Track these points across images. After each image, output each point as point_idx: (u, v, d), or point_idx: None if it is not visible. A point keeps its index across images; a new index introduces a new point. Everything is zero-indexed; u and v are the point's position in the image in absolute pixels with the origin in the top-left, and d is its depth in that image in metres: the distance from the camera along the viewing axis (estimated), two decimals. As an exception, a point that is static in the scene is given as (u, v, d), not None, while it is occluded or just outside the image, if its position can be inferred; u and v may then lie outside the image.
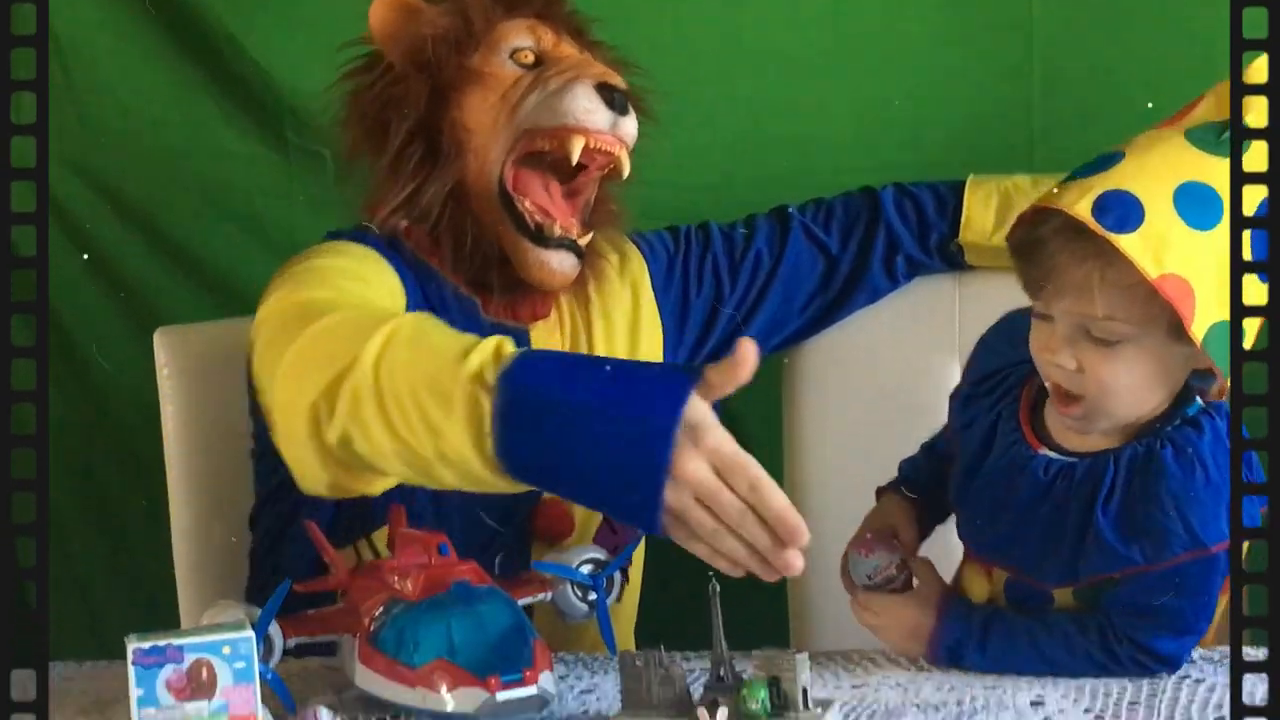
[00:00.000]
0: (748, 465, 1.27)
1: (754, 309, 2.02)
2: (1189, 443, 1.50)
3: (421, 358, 1.38)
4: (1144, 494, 1.49)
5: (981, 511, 1.60)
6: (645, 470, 1.25)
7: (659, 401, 1.26)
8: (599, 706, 1.56)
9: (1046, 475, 1.55)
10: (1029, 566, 1.57)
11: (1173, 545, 1.49)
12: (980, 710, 1.48)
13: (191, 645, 1.25)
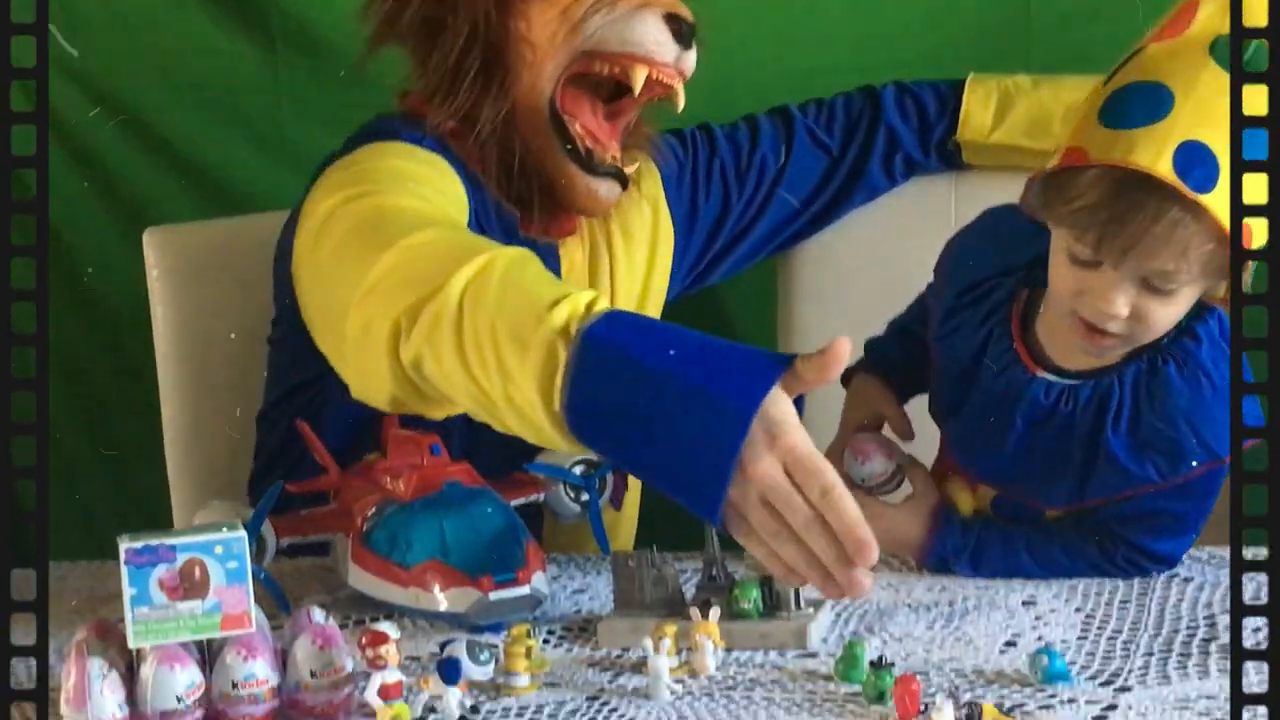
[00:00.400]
0: (823, 471, 1.17)
1: (760, 212, 2.01)
2: (1189, 355, 1.48)
3: (509, 298, 1.32)
4: (1154, 412, 1.48)
5: (977, 435, 1.58)
6: (714, 455, 1.17)
7: (741, 384, 1.18)
8: (591, 606, 1.57)
9: (1048, 399, 1.52)
10: (1031, 490, 1.56)
11: (1188, 460, 1.48)
12: (972, 610, 1.48)
13: (184, 545, 1.25)
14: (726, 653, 1.40)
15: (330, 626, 1.30)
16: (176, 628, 1.25)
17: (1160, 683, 1.28)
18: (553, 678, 1.37)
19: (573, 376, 1.23)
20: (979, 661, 1.35)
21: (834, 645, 1.40)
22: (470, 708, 1.30)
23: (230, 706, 1.25)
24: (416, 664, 1.41)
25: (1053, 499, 1.55)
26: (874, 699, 1.26)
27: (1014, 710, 1.23)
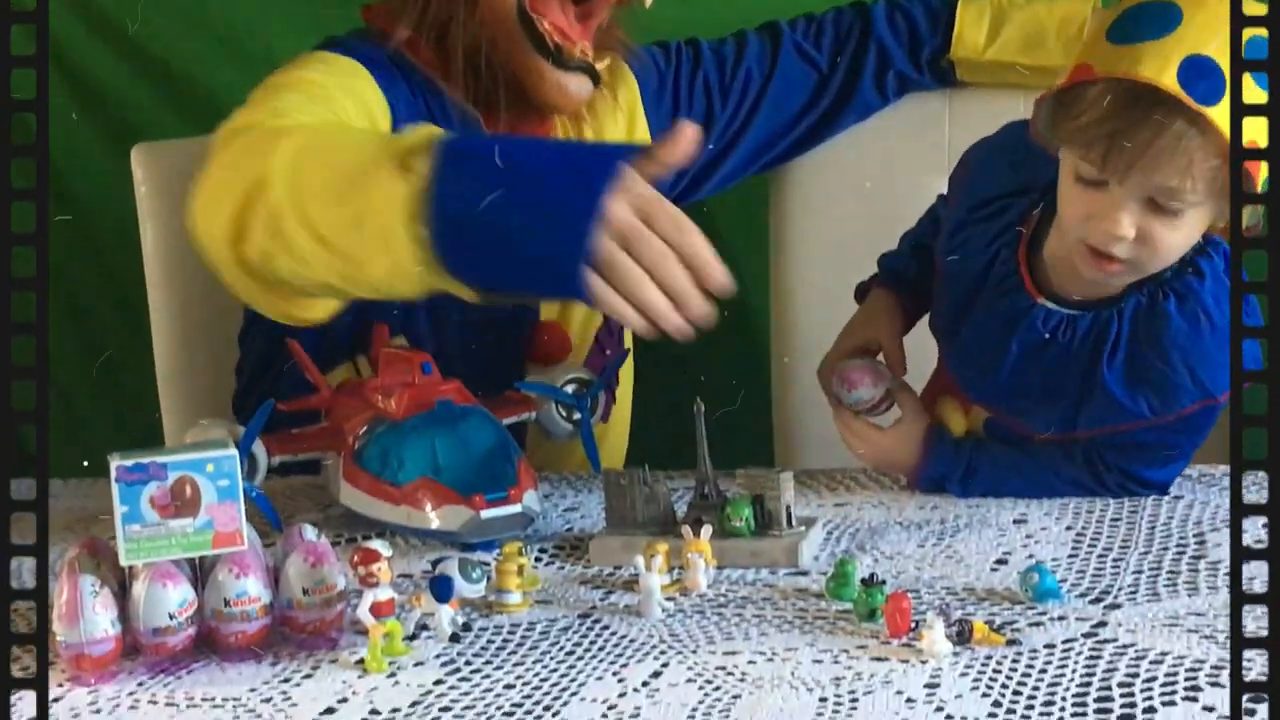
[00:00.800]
0: (670, 208, 1.27)
1: (744, 128, 1.99)
2: (1190, 291, 1.47)
3: (343, 147, 1.37)
4: (1151, 348, 1.48)
5: (974, 356, 1.57)
6: (576, 211, 1.23)
7: (599, 160, 1.27)
8: (583, 524, 1.57)
9: (1045, 326, 1.52)
10: (1023, 415, 1.56)
11: (1181, 398, 1.48)
12: (963, 528, 1.49)
13: (175, 463, 1.25)
14: (718, 570, 1.40)
15: (322, 544, 1.30)
16: (168, 545, 1.25)
17: (1150, 600, 1.28)
18: (545, 595, 1.38)
19: (436, 176, 1.26)
20: (970, 579, 1.36)
21: (825, 563, 1.41)
22: (462, 625, 1.30)
23: (223, 624, 1.26)
24: (408, 582, 1.42)
25: (1044, 425, 1.55)
26: (865, 616, 1.27)
27: (1004, 627, 1.24)
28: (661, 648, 1.25)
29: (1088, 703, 1.10)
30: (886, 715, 1.10)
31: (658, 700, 1.15)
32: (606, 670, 1.21)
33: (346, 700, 1.18)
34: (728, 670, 1.19)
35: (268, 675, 1.24)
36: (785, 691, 1.15)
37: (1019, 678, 1.15)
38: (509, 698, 1.17)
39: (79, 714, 1.18)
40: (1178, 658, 1.16)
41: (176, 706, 1.19)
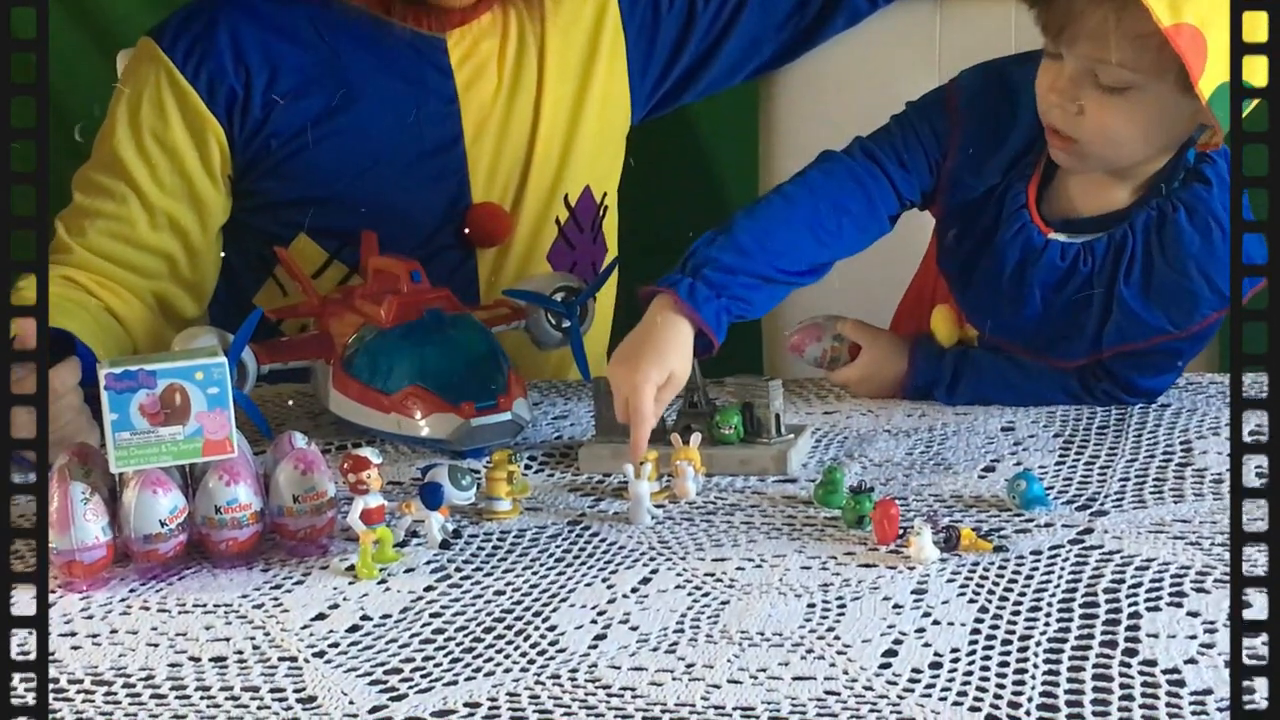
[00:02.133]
0: None
1: (728, 28, 1.97)
2: (1199, 200, 1.47)
3: None
4: (1166, 261, 1.48)
5: (990, 299, 1.55)
6: None
7: None
8: (572, 432, 1.57)
9: (1064, 260, 1.51)
10: (1044, 348, 1.55)
11: (1201, 308, 1.48)
12: (951, 436, 1.49)
13: (164, 371, 1.25)
14: (707, 478, 1.41)
15: (312, 451, 1.30)
16: (158, 453, 1.25)
17: (1136, 506, 1.29)
18: (534, 503, 1.38)
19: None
20: (957, 486, 1.36)
21: (814, 470, 1.41)
22: (452, 532, 1.31)
23: (213, 531, 1.26)
24: (398, 489, 1.42)
25: (1068, 353, 1.54)
26: (853, 523, 1.27)
27: (991, 534, 1.25)
28: (650, 554, 1.25)
29: (1073, 608, 1.11)
30: (874, 621, 1.11)
31: (647, 606, 1.15)
32: (596, 577, 1.22)
33: (337, 606, 1.19)
34: (716, 577, 1.20)
35: (259, 581, 1.24)
36: (773, 597, 1.15)
37: (1005, 584, 1.16)
38: (499, 604, 1.18)
39: (71, 619, 1.19)
40: (1163, 564, 1.17)
41: (168, 612, 1.20)
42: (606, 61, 1.92)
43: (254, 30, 1.80)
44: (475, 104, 1.85)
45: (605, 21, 1.92)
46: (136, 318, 1.77)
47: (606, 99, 1.93)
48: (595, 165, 1.94)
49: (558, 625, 1.13)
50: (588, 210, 1.93)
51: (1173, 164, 1.49)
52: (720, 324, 1.44)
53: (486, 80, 1.86)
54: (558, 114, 1.89)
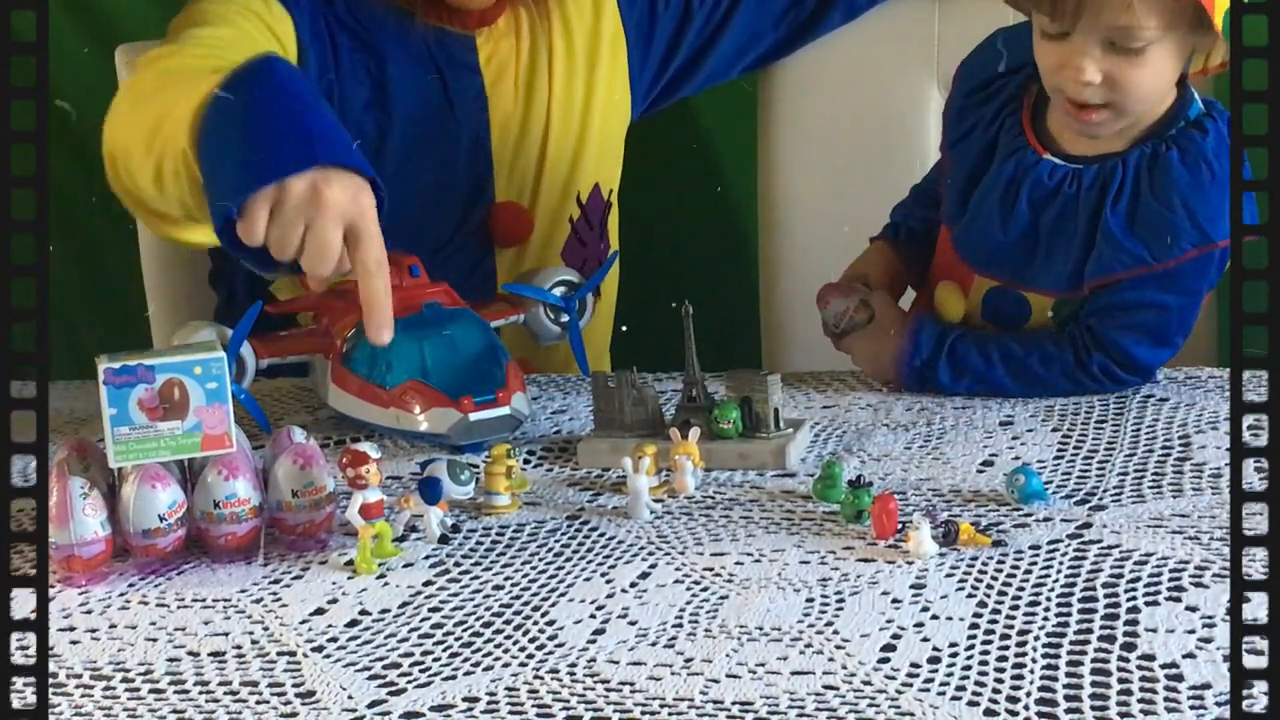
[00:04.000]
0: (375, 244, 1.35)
1: (725, 21, 1.98)
2: (1193, 144, 1.51)
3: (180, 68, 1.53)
4: (1153, 193, 1.51)
5: (981, 220, 1.59)
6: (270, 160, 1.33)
7: (331, 148, 1.35)
8: (571, 427, 1.57)
9: (1052, 180, 1.55)
10: (1031, 275, 1.57)
11: (1181, 242, 1.50)
12: (949, 430, 1.49)
13: (163, 365, 1.25)
14: (705, 473, 1.41)
15: (311, 446, 1.30)
16: (157, 448, 1.25)
17: (1135, 501, 1.29)
18: (533, 497, 1.38)
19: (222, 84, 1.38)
20: (956, 481, 1.36)
21: (812, 465, 1.41)
22: (451, 527, 1.31)
23: (212, 525, 1.26)
24: (397, 484, 1.42)
25: (1051, 283, 1.56)
26: (852, 518, 1.27)
27: (990, 529, 1.25)
28: (649, 549, 1.25)
29: (1072, 603, 1.11)
30: (872, 616, 1.11)
31: (645, 601, 1.16)
32: (594, 571, 1.22)
33: (336, 601, 1.19)
34: (715, 571, 1.20)
35: (257, 576, 1.24)
36: (772, 592, 1.15)
37: (1004, 578, 1.16)
38: (497, 599, 1.18)
39: (70, 614, 1.19)
40: (1162, 558, 1.17)
41: (167, 607, 1.20)
42: (609, 58, 1.93)
43: (322, 3, 1.80)
44: (500, 103, 1.86)
45: (605, 18, 1.93)
46: None
47: (610, 96, 1.93)
48: (603, 162, 1.95)
49: (556, 620, 1.14)
50: (597, 207, 1.94)
51: (1172, 113, 1.53)
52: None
53: (508, 79, 1.87)
54: (569, 113, 1.90)
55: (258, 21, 1.72)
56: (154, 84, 1.53)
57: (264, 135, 1.34)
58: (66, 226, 2.48)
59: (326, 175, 1.32)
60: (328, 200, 1.31)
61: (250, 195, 1.32)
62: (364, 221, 1.33)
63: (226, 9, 1.72)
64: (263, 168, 1.32)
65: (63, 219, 2.47)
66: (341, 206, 1.32)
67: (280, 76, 1.39)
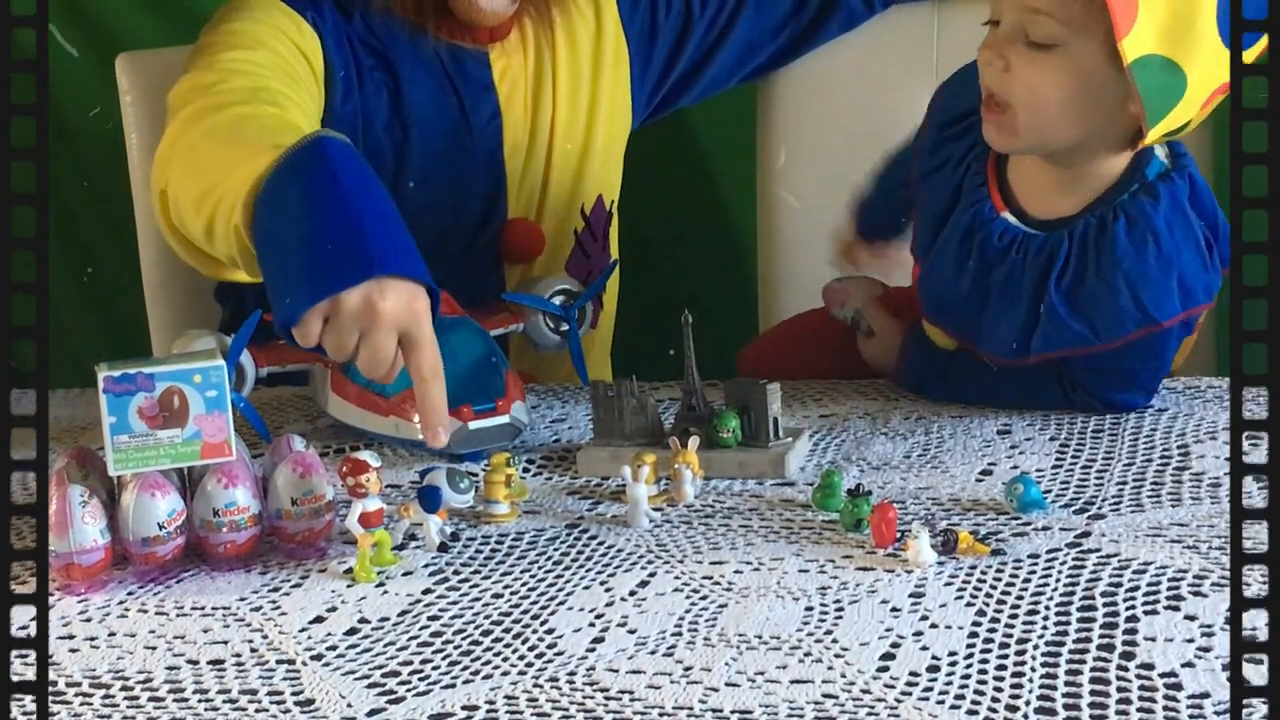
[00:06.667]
0: (431, 350, 1.34)
1: (725, 32, 1.98)
2: (1142, 214, 1.47)
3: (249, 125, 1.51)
4: (1097, 271, 1.47)
5: (939, 268, 1.57)
6: (343, 267, 1.31)
7: (388, 254, 1.32)
8: (571, 436, 1.57)
9: (1002, 241, 1.52)
10: (978, 335, 1.55)
11: (1125, 324, 1.47)
12: (948, 439, 1.49)
13: (162, 374, 1.25)
14: (705, 481, 1.41)
15: (310, 454, 1.30)
16: (156, 456, 1.25)
17: (1133, 510, 1.29)
18: (532, 506, 1.38)
19: (284, 165, 1.36)
20: (955, 490, 1.37)
21: (811, 474, 1.41)
22: (450, 535, 1.31)
23: (212, 534, 1.26)
24: (397, 492, 1.42)
25: (999, 348, 1.53)
26: (851, 527, 1.27)
27: (989, 537, 1.25)
28: (649, 558, 1.25)
29: (1071, 612, 1.11)
30: (872, 624, 1.11)
31: (645, 609, 1.16)
32: (594, 580, 1.22)
33: (335, 609, 1.19)
34: (714, 580, 1.20)
35: (257, 584, 1.24)
36: (771, 601, 1.16)
37: (1003, 587, 1.16)
38: (497, 607, 1.18)
39: (69, 622, 1.19)
40: (1160, 568, 1.17)
41: (166, 615, 1.20)
42: (611, 70, 1.93)
43: (342, 20, 1.80)
44: (512, 119, 1.86)
45: (607, 30, 1.93)
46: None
47: (613, 107, 1.94)
48: (606, 173, 1.95)
49: (555, 628, 1.14)
50: (600, 218, 1.94)
51: (1127, 177, 1.49)
52: None
53: (519, 95, 1.87)
54: (574, 125, 1.90)
55: (288, 42, 1.73)
56: (207, 136, 1.52)
57: (320, 242, 1.32)
58: (66, 235, 2.48)
59: (381, 286, 1.30)
60: (381, 312, 1.30)
61: (305, 310, 1.31)
62: (418, 329, 1.32)
63: (258, 29, 1.72)
64: (318, 281, 1.31)
65: (62, 228, 2.48)
66: (395, 317, 1.31)
67: (336, 163, 1.36)
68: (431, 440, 1.33)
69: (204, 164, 1.48)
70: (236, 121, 1.53)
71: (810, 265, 1.72)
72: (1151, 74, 1.40)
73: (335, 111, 1.76)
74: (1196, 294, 1.48)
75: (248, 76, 1.63)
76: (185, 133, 1.54)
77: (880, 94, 2.04)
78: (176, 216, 1.52)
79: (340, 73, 1.77)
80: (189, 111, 1.57)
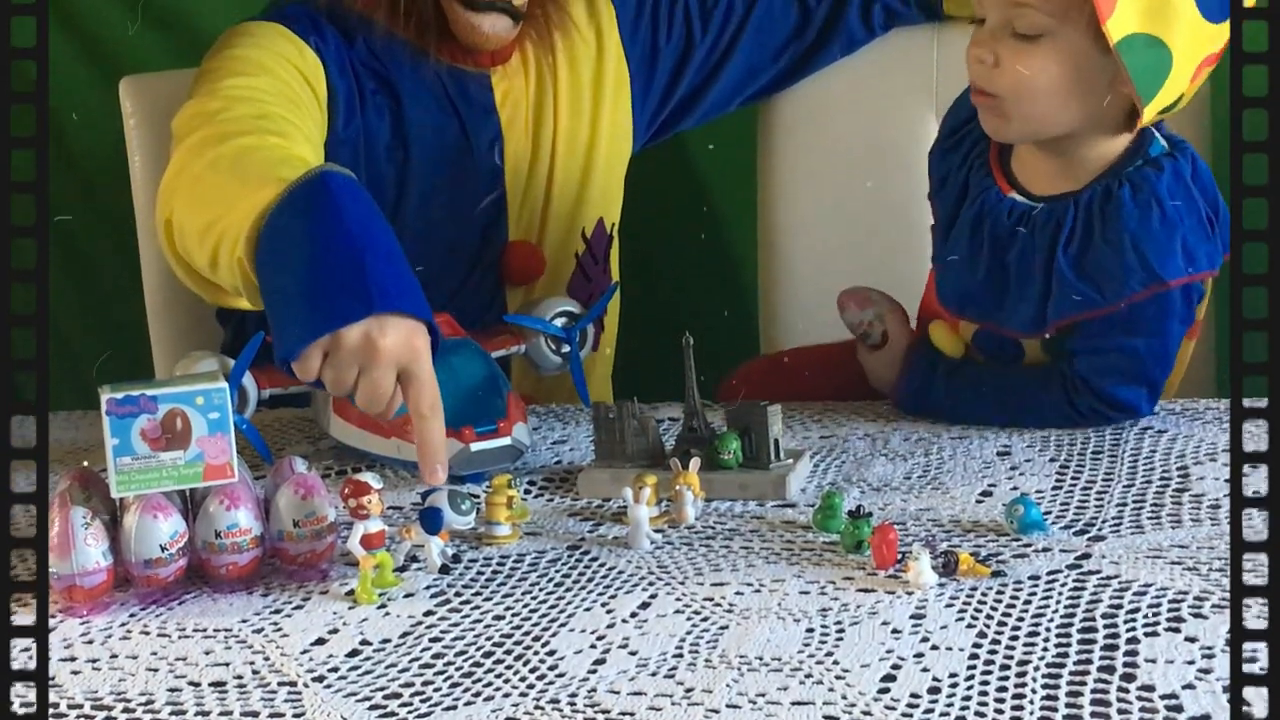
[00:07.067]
0: (430, 387, 1.35)
1: (726, 56, 1.99)
2: (1146, 181, 1.51)
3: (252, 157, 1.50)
4: (1102, 233, 1.51)
5: (955, 262, 1.60)
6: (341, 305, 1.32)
7: (386, 289, 1.33)
8: (572, 457, 1.58)
9: (1010, 218, 1.55)
10: (1001, 318, 1.58)
11: (1130, 282, 1.50)
12: (949, 460, 1.50)
13: (165, 396, 1.25)
14: (706, 503, 1.41)
15: (312, 476, 1.31)
16: (159, 478, 1.26)
17: (1133, 532, 1.29)
18: (534, 527, 1.39)
19: (286, 200, 1.37)
20: (955, 511, 1.37)
21: (812, 495, 1.42)
22: (452, 557, 1.31)
23: (214, 555, 1.26)
24: (398, 514, 1.43)
25: (1018, 324, 1.56)
26: (852, 548, 1.28)
27: (989, 559, 1.25)
28: (650, 579, 1.26)
29: (1072, 634, 1.11)
30: (873, 646, 1.11)
31: (646, 631, 1.16)
32: (595, 601, 1.22)
33: (337, 631, 1.19)
34: (715, 601, 1.20)
35: (259, 606, 1.25)
36: (772, 622, 1.16)
37: (1004, 609, 1.16)
38: (498, 629, 1.18)
39: (71, 645, 1.19)
40: (1161, 589, 1.17)
41: (168, 637, 1.20)
42: (612, 93, 1.94)
43: (345, 45, 1.81)
44: (513, 142, 1.87)
45: (608, 53, 1.94)
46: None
47: (614, 130, 1.94)
48: (607, 196, 1.95)
49: (557, 650, 1.14)
50: (601, 241, 1.95)
51: (1131, 152, 1.54)
52: None
53: (521, 117, 1.88)
54: (575, 148, 1.91)
55: (291, 67, 1.73)
56: (211, 167, 1.52)
57: (321, 277, 1.33)
58: (68, 257, 2.49)
59: (381, 323, 1.31)
60: (381, 349, 1.31)
61: (305, 346, 1.32)
62: (417, 366, 1.33)
63: (261, 55, 1.72)
64: (319, 317, 1.32)
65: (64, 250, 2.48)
66: (395, 354, 1.32)
67: (338, 198, 1.37)
68: (429, 478, 1.34)
69: (208, 196, 1.48)
70: (241, 153, 1.53)
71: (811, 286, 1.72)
72: (1138, 52, 1.45)
73: (338, 135, 1.77)
74: (1199, 259, 1.52)
75: (251, 104, 1.63)
76: (190, 163, 1.55)
77: (881, 116, 2.04)
78: (181, 246, 1.53)
79: (343, 96, 1.78)
80: (193, 141, 1.57)
